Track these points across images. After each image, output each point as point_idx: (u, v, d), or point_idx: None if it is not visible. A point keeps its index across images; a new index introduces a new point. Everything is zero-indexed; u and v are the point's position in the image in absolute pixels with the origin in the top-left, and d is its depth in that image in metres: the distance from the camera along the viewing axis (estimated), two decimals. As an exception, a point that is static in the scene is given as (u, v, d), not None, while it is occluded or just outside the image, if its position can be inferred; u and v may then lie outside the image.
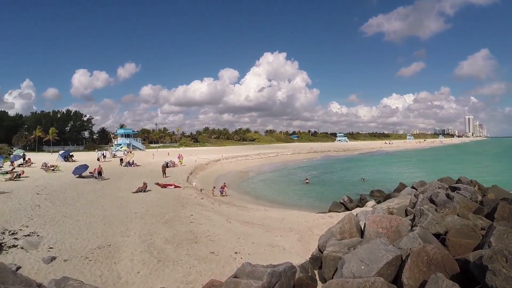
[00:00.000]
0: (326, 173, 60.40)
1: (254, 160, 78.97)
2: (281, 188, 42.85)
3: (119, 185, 34.05)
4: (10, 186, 31.82)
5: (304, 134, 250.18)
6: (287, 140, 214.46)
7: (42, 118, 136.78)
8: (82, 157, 66.34)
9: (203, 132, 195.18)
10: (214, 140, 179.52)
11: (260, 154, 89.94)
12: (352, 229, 13.66)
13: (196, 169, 52.45)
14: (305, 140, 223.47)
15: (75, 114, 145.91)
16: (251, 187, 43.77)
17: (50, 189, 30.76)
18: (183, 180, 39.46)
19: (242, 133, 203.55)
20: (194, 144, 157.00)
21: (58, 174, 41.14)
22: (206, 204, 26.33)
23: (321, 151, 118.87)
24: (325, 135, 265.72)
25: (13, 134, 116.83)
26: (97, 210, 22.91)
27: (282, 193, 38.75)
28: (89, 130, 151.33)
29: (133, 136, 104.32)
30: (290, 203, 32.67)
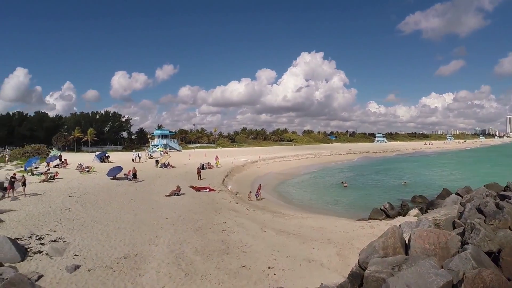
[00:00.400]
0: (365, 175, 58.33)
1: (291, 162, 77.55)
2: (319, 191, 41.43)
3: (152, 188, 33.84)
4: (43, 187, 32.27)
5: (342, 135, 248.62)
6: (325, 140, 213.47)
7: (81, 119, 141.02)
8: (119, 157, 67.48)
9: (240, 133, 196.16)
10: (252, 140, 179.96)
11: (298, 155, 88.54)
12: (396, 244, 12.40)
13: (232, 171, 51.90)
14: (343, 141, 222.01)
15: (114, 115, 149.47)
16: (288, 190, 42.62)
17: (82, 191, 30.92)
18: (218, 183, 38.84)
19: (279, 133, 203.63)
20: (231, 145, 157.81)
21: (93, 175, 41.65)
22: (240, 209, 25.47)
23: (360, 152, 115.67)
24: (363, 135, 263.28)
25: (53, 134, 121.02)
26: (127, 215, 22.52)
27: (319, 198, 37.41)
28: (127, 130, 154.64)
29: (170, 137, 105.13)
30: (328, 209, 31.37)
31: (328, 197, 37.77)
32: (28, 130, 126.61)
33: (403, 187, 44.00)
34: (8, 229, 19.23)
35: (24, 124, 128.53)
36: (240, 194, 34.27)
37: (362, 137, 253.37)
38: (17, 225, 19.89)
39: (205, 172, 46.01)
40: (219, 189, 34.39)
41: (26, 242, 16.91)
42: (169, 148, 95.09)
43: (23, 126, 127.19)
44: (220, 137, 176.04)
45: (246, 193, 35.90)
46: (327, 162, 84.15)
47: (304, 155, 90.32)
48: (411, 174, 58.45)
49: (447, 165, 79.94)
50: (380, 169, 69.01)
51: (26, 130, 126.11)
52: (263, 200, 33.13)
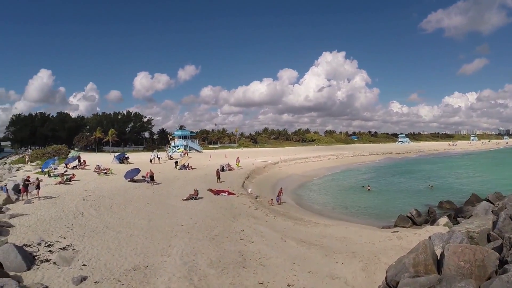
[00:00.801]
0: (388, 178, 56.58)
1: (313, 163, 76.10)
2: (342, 195, 40.03)
3: (170, 191, 33.13)
4: (59, 190, 31.97)
5: (364, 135, 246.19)
6: (347, 141, 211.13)
7: (103, 119, 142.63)
8: (139, 158, 67.50)
9: (262, 133, 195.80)
10: (273, 141, 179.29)
11: (320, 156, 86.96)
12: (427, 261, 11.37)
13: (253, 173, 50.92)
14: (366, 141, 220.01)
15: (135, 115, 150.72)
16: (309, 193, 41.40)
17: (98, 194, 30.43)
18: (238, 186, 37.90)
19: (301, 133, 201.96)
20: (253, 145, 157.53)
21: (110, 177, 41.32)
22: (260, 216, 24.32)
23: (383, 153, 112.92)
24: (386, 135, 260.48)
25: (75, 135, 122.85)
26: (142, 220, 21.74)
27: (342, 202, 36.04)
28: (149, 130, 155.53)
29: (191, 138, 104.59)
30: (351, 214, 30.14)
31: (351, 201, 36.41)
32: (50, 130, 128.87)
33: (429, 191, 42.33)
34: (18, 234, 18.79)
35: (46, 125, 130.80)
36: (260, 198, 33.26)
37: (385, 137, 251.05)
38: (27, 231, 19.40)
39: (225, 174, 45.19)
40: (238, 192, 33.41)
41: (35, 249, 16.43)
42: (190, 149, 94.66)
43: (45, 127, 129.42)
44: (241, 137, 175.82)
45: (266, 196, 35.02)
46: (350, 163, 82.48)
47: (327, 156, 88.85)
48: (437, 177, 56.58)
49: (473, 167, 77.36)
50: (404, 171, 67.22)
51: (48, 131, 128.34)
52: (284, 204, 32.07)
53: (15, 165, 60.66)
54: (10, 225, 20.49)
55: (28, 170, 48.64)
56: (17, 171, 50.16)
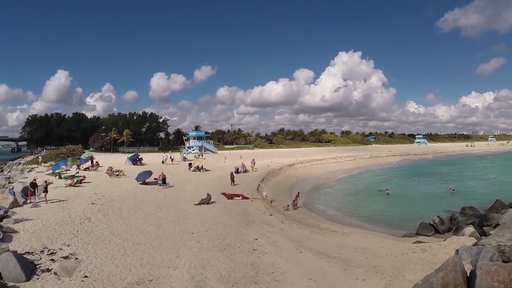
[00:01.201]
0: (407, 181, 54.57)
1: (330, 165, 74.38)
2: (360, 200, 38.48)
3: (182, 194, 32.25)
4: (68, 193, 31.42)
5: (381, 136, 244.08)
6: (364, 141, 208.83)
7: (119, 120, 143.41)
8: (153, 159, 67.09)
9: (278, 133, 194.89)
10: (289, 141, 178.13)
11: (337, 157, 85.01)
12: (457, 280, 10.47)
13: (268, 175, 49.84)
14: (382, 142, 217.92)
15: (151, 115, 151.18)
16: (326, 198, 39.87)
17: (107, 197, 29.75)
18: (253, 189, 36.82)
19: (317, 134, 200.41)
20: (268, 146, 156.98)
21: (122, 180, 40.70)
22: (275, 223, 23.21)
23: (400, 154, 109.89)
24: (403, 136, 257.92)
25: (91, 135, 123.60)
26: (150, 227, 20.87)
27: (360, 207, 34.52)
28: (164, 131, 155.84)
29: (206, 138, 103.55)
30: (371, 221, 28.71)
31: (370, 206, 34.91)
32: (66, 130, 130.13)
33: (449, 195, 40.51)
34: (21, 241, 18.21)
35: (62, 125, 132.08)
36: (275, 202, 32.20)
37: (402, 138, 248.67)
38: (31, 237, 18.78)
39: (239, 176, 44.22)
40: (253, 196, 32.33)
41: (37, 257, 15.85)
42: (205, 150, 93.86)
43: (61, 127, 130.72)
44: (257, 138, 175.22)
45: (282, 200, 33.99)
46: (367, 165, 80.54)
47: (343, 157, 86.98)
48: (457, 180, 54.69)
49: (493, 169, 74.67)
50: (422, 173, 65.20)
51: (64, 131, 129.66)
52: (300, 209, 31.00)
53: (29, 166, 60.79)
54: (14, 231, 19.88)
55: (41, 171, 48.51)
56: (29, 172, 50.06)
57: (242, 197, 30.93)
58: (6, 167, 72.11)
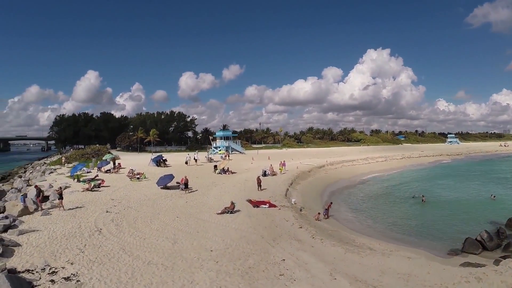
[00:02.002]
0: (443, 185, 50.82)
1: (361, 166, 71.52)
2: (394, 207, 35.59)
3: (205, 201, 30.23)
4: (83, 198, 29.96)
5: (411, 135, 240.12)
6: (394, 140, 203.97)
7: (147, 119, 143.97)
8: (178, 159, 65.49)
9: (306, 132, 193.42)
10: (318, 140, 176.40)
11: (368, 158, 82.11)
12: None
13: (297, 178, 47.34)
14: (413, 141, 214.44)
15: (179, 115, 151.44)
16: (358, 205, 37.00)
17: (124, 204, 28.05)
18: (281, 195, 34.51)
19: (346, 133, 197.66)
20: (297, 145, 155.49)
21: (142, 183, 39.05)
22: (305, 238, 20.73)
23: (433, 155, 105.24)
24: (434, 135, 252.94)
25: (118, 134, 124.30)
26: (165, 241, 18.88)
27: (396, 216, 31.66)
28: (192, 130, 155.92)
29: (233, 138, 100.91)
30: (409, 233, 26.01)
31: (406, 215, 32.06)
32: (93, 130, 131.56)
33: (491, 202, 37.17)
34: (22, 256, 16.61)
35: (90, 125, 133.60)
36: (305, 210, 29.84)
37: (432, 137, 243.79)
38: (34, 252, 17.18)
39: (267, 180, 41.99)
40: (281, 204, 29.97)
41: (36, 276, 14.28)
42: (231, 150, 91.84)
43: (88, 127, 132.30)
44: (285, 137, 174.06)
45: (312, 208, 31.75)
46: (399, 166, 77.02)
47: (375, 158, 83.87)
48: (496, 183, 51.13)
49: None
50: (459, 176, 61.37)
51: (91, 131, 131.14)
52: (331, 219, 28.59)
53: (52, 167, 60.27)
54: (17, 244, 18.31)
55: (61, 173, 47.59)
56: (50, 174, 49.22)
57: (269, 204, 28.64)
58: (30, 168, 72.37)
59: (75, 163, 63.77)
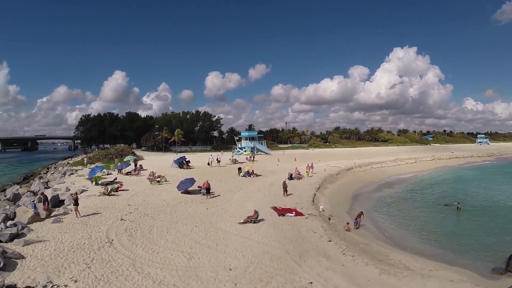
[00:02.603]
0: (477, 190, 47.30)
1: (390, 168, 68.66)
2: (427, 216, 32.68)
3: (226, 208, 28.49)
4: (99, 203, 28.74)
5: (439, 134, 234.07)
6: (422, 141, 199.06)
7: (172, 119, 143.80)
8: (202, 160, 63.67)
9: (333, 132, 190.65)
10: (345, 141, 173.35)
11: (397, 160, 79.19)
12: None
13: (324, 182, 45.15)
14: (441, 141, 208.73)
15: (204, 114, 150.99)
16: (389, 212, 34.33)
17: (141, 211, 26.61)
18: (308, 201, 32.45)
19: (373, 133, 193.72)
20: (323, 145, 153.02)
21: (162, 187, 37.60)
22: (334, 254, 18.64)
23: (463, 156, 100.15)
24: (462, 135, 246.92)
25: (144, 134, 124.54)
26: (181, 256, 17.23)
27: (429, 226, 28.91)
28: (218, 130, 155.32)
29: (258, 139, 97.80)
30: (447, 247, 23.44)
31: (441, 226, 29.25)
32: (118, 130, 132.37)
33: None
34: (25, 271, 15.48)
35: (115, 125, 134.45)
36: (333, 218, 27.73)
37: (461, 137, 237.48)
38: (37, 266, 16.06)
39: (293, 183, 40.01)
40: (308, 212, 27.90)
41: None
42: (257, 151, 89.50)
43: (113, 126, 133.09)
44: (312, 136, 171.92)
45: (341, 215, 29.82)
46: (430, 169, 73.25)
47: (404, 160, 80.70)
48: None
49: None
50: (493, 179, 57.51)
51: (116, 130, 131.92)
52: (362, 229, 26.33)
53: (73, 168, 59.71)
54: (20, 256, 17.11)
55: (82, 175, 46.64)
56: (70, 175, 48.42)
57: (296, 213, 26.67)
58: (53, 168, 72.16)
59: (98, 163, 63.27)
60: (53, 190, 35.05)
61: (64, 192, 33.28)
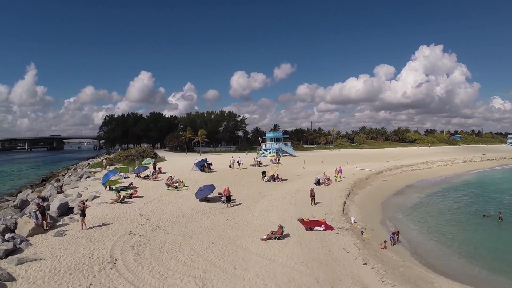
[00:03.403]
0: None
1: (421, 171, 65.31)
2: (467, 228, 29.44)
3: (248, 219, 25.86)
4: (110, 213, 26.62)
5: (467, 134, 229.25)
6: (450, 141, 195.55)
7: (197, 119, 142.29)
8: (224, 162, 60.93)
9: (359, 132, 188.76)
10: (372, 141, 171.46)
11: (428, 162, 75.53)
12: None
13: (354, 187, 42.21)
14: (470, 142, 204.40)
15: (229, 114, 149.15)
16: (425, 224, 30.78)
17: (153, 223, 24.29)
18: (338, 211, 29.56)
19: (400, 133, 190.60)
20: (350, 146, 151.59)
21: (180, 193, 35.18)
22: (371, 282, 15.65)
23: (496, 158, 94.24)
24: (491, 135, 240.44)
25: (168, 134, 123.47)
26: (192, 283, 14.77)
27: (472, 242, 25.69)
28: (242, 129, 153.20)
29: (283, 140, 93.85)
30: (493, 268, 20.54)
31: (483, 240, 26.15)
32: (142, 130, 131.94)
33: None
34: None
35: (138, 125, 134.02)
36: (366, 231, 24.94)
37: (490, 137, 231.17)
38: (27, 291, 13.76)
39: (321, 189, 37.11)
40: (338, 224, 25.04)
41: None
42: (282, 152, 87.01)
43: (137, 127, 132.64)
44: (337, 136, 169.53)
45: (374, 227, 27.37)
46: (463, 172, 69.12)
47: (435, 162, 76.93)
48: None
49: None
50: None
51: (140, 130, 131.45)
52: (399, 246, 23.70)
53: (92, 170, 58.17)
54: (11, 278, 15.22)
55: (98, 178, 44.69)
56: (87, 178, 46.61)
57: (325, 226, 23.88)
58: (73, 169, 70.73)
59: (119, 165, 61.66)
60: (64, 195, 33.25)
61: (74, 199, 31.47)
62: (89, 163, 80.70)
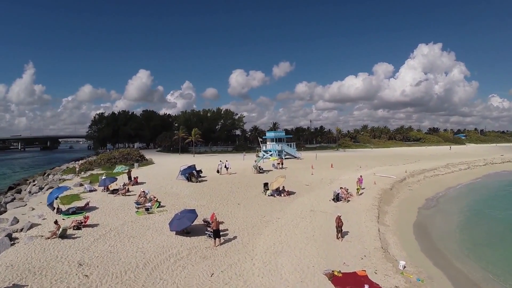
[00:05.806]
0: None
1: (445, 177, 56.61)
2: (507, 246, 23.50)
3: (245, 273, 16.10)
4: (35, 259, 16.69)
5: (472, 133, 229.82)
6: (456, 140, 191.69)
7: (192, 117, 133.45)
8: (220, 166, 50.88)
9: (361, 130, 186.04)
10: (376, 140, 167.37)
11: (449, 165, 67.34)
12: None
13: (381, 202, 32.95)
14: (475, 141, 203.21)
15: (226, 112, 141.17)
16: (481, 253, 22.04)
17: (93, 282, 14.60)
18: (376, 249, 19.74)
19: (404, 131, 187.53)
20: (354, 145, 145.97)
21: (153, 219, 25.12)
22: None
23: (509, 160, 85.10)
24: (497, 134, 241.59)
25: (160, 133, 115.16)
26: None
27: None
28: (240, 128, 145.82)
29: (286, 140, 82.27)
30: None
31: None
32: (133, 129, 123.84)
33: None
34: None
35: (130, 123, 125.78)
36: (424, 284, 15.70)
37: (496, 136, 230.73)
38: None
39: (342, 209, 27.18)
40: (385, 278, 15.47)
41: None
42: (285, 155, 75.33)
43: (128, 125, 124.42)
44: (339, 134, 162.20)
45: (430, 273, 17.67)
46: (489, 175, 61.68)
47: (456, 165, 68.72)
48: None
49: None
50: None
51: (131, 129, 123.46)
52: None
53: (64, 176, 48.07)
54: None
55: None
56: (49, 190, 35.95)
57: (369, 285, 14.54)
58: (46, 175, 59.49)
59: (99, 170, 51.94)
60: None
61: (6, 227, 22.09)
62: (68, 167, 69.30)
